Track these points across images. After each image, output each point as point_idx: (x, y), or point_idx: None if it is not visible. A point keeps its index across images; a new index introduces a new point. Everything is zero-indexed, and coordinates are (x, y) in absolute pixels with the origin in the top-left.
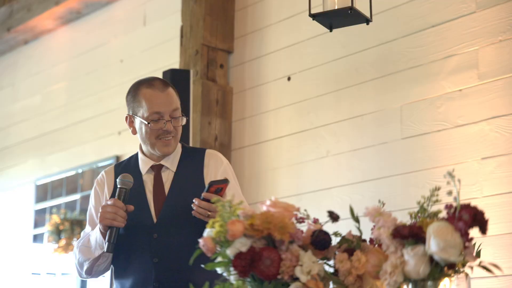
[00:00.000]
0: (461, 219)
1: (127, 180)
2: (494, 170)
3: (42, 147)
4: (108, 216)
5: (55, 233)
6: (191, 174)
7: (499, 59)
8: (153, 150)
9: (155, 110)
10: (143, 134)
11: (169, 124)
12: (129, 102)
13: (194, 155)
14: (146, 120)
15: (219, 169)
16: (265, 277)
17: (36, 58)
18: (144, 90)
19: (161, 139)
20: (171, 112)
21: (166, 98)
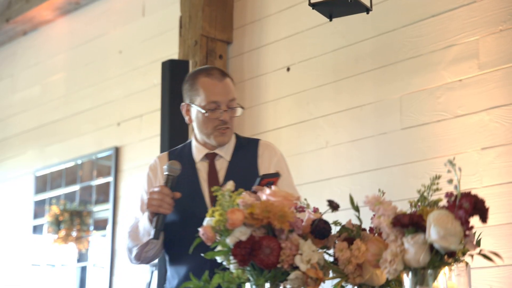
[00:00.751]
0: (462, 207)
1: (174, 167)
2: (493, 160)
3: (41, 138)
4: (154, 203)
5: (54, 224)
6: (245, 164)
7: (499, 49)
8: (209, 140)
9: (213, 99)
10: (199, 123)
11: (226, 114)
12: (186, 91)
13: (248, 145)
14: (203, 108)
15: (273, 160)
16: (264, 266)
17: (35, 49)
18: (202, 78)
19: (217, 129)
20: (228, 102)
21: (223, 88)
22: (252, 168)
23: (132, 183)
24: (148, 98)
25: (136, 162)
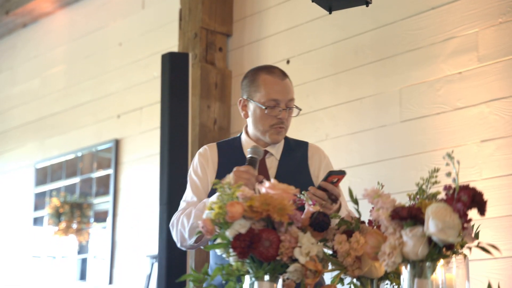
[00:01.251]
0: (460, 200)
1: (259, 150)
2: (493, 153)
3: (41, 131)
4: (242, 182)
5: (55, 216)
6: (295, 165)
7: (499, 41)
8: (263, 136)
9: (273, 97)
10: (256, 119)
11: (284, 113)
12: (245, 86)
13: (297, 147)
14: (263, 105)
15: (322, 164)
16: (264, 258)
17: (35, 41)
18: (264, 76)
19: (273, 127)
20: (287, 101)
21: (284, 87)
22: (302, 169)
23: (132, 175)
24: (148, 90)
25: (136, 155)
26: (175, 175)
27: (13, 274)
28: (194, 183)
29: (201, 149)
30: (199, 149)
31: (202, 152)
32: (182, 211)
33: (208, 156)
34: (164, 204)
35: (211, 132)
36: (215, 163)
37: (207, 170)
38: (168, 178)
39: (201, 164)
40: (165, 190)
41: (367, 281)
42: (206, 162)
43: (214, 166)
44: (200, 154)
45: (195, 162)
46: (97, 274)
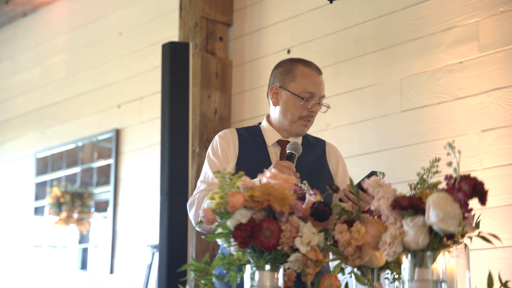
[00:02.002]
0: (461, 189)
1: (298, 147)
2: (494, 142)
3: (42, 120)
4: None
5: (56, 206)
6: (314, 159)
7: (500, 30)
8: (290, 127)
9: (310, 90)
10: (288, 108)
11: (316, 107)
12: (279, 75)
13: (315, 142)
14: (299, 95)
15: (340, 162)
16: (265, 248)
17: (35, 31)
18: (302, 67)
19: (302, 118)
20: (320, 97)
21: (321, 82)
22: (321, 164)
23: (133, 165)
24: (149, 80)
25: (136, 144)
26: (175, 165)
27: (14, 263)
28: (214, 164)
29: (221, 133)
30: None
31: (222, 135)
32: (205, 193)
33: (229, 139)
34: (164, 194)
35: (211, 122)
36: (236, 147)
37: (228, 152)
38: (168, 168)
39: (221, 146)
40: (166, 179)
41: (368, 270)
42: (227, 144)
43: (235, 150)
44: (220, 137)
45: (216, 143)
46: (98, 263)
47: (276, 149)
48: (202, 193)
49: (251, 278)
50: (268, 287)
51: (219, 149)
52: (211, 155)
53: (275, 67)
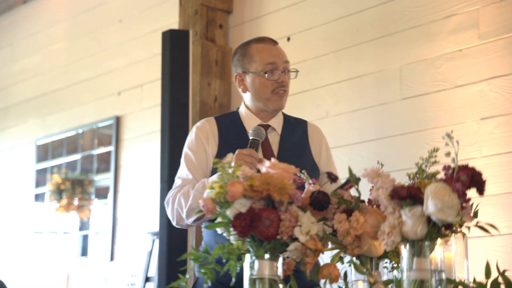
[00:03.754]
0: (459, 180)
1: (261, 133)
2: (493, 130)
3: (42, 107)
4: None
5: (56, 193)
6: (297, 141)
7: (500, 18)
8: (266, 105)
9: (270, 61)
10: (257, 89)
11: (284, 76)
12: (237, 62)
13: (297, 123)
14: (262, 71)
15: (323, 143)
16: (264, 237)
17: (35, 18)
18: (255, 45)
19: (275, 93)
20: (283, 64)
21: (278, 50)
22: (303, 146)
23: (133, 153)
24: (149, 67)
25: (136, 132)
26: (175, 152)
27: (15, 249)
28: (189, 159)
29: (199, 123)
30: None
31: (200, 126)
32: (178, 189)
33: (207, 130)
34: (165, 182)
35: (211, 110)
36: (215, 136)
37: (205, 145)
38: (168, 155)
39: (198, 139)
40: (166, 167)
41: (367, 259)
42: (205, 136)
43: (215, 140)
44: (198, 128)
45: (192, 137)
46: (99, 250)
47: None
48: (176, 190)
49: (250, 267)
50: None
51: (196, 143)
52: (187, 150)
53: (233, 56)
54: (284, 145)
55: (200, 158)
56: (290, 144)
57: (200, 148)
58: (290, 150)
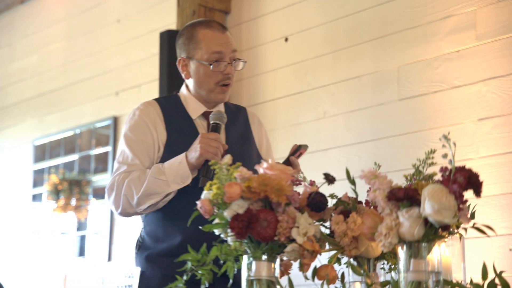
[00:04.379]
0: (456, 181)
1: (223, 116)
2: (490, 131)
3: (39, 107)
4: (212, 150)
5: (53, 193)
6: (240, 128)
7: (497, 19)
8: (208, 96)
9: (216, 50)
10: (200, 78)
11: (230, 67)
12: (182, 45)
13: (237, 110)
14: (206, 61)
15: (262, 129)
16: (262, 238)
17: (33, 18)
18: (203, 30)
19: (219, 85)
20: (231, 53)
21: (226, 39)
22: (247, 133)
23: None
24: (147, 67)
25: None
26: None
27: (12, 250)
28: (134, 143)
29: (141, 106)
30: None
31: (144, 109)
32: (125, 175)
33: (152, 112)
34: None
35: None
36: (162, 121)
37: (152, 130)
38: None
39: (143, 124)
40: None
41: (364, 260)
42: (151, 121)
43: (162, 125)
44: (142, 112)
45: (135, 120)
46: (96, 251)
47: (203, 122)
48: (122, 175)
49: (248, 268)
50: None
51: (141, 126)
52: (130, 133)
53: (178, 36)
54: (230, 132)
55: (146, 143)
56: (235, 132)
57: (146, 132)
58: (237, 138)
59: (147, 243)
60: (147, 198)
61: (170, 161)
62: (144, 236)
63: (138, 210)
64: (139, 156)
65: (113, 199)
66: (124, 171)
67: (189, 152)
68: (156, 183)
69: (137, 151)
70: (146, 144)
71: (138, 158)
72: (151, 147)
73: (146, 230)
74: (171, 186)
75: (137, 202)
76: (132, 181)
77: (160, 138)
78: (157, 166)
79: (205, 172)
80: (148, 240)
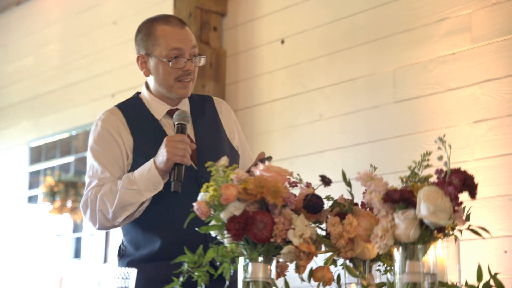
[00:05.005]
0: (451, 183)
1: (187, 116)
2: (485, 134)
3: (35, 109)
4: (179, 153)
5: (49, 195)
6: (209, 121)
7: (492, 22)
8: (170, 93)
9: (175, 46)
10: (160, 75)
11: (190, 64)
12: (140, 41)
13: (202, 101)
14: (165, 58)
15: (231, 116)
16: (258, 240)
17: (29, 19)
18: (161, 26)
19: (180, 81)
20: (190, 49)
21: (185, 35)
22: (216, 124)
23: None
24: None
25: None
26: None
27: (7, 251)
28: (102, 155)
29: (102, 115)
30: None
31: (106, 119)
32: (96, 189)
33: (114, 121)
34: None
35: None
36: (126, 127)
37: (117, 139)
38: None
39: (107, 133)
40: None
41: (360, 262)
42: (115, 129)
43: (127, 131)
44: (104, 122)
45: (98, 131)
46: (92, 253)
47: (168, 121)
48: (94, 190)
49: (244, 270)
50: (261, 278)
51: (105, 136)
52: (96, 146)
53: (136, 32)
54: (199, 127)
55: (114, 153)
56: (204, 125)
57: (111, 142)
58: (206, 132)
59: (129, 250)
60: (122, 210)
61: (140, 169)
62: (126, 244)
63: (116, 223)
64: (108, 167)
65: (89, 216)
66: (96, 185)
67: (157, 158)
68: (129, 194)
69: (105, 163)
70: (113, 154)
71: (107, 170)
72: (119, 156)
73: (127, 238)
74: (144, 195)
75: (112, 215)
76: (104, 195)
77: (127, 145)
78: (128, 176)
79: (176, 176)
80: (130, 248)
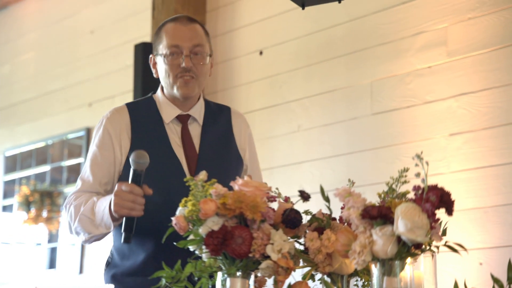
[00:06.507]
0: (428, 200)
1: (143, 162)
2: (461, 146)
3: (11, 118)
4: (126, 206)
5: (24, 204)
6: (220, 131)
7: (468, 36)
8: (173, 91)
9: (173, 43)
10: (161, 73)
11: (188, 60)
12: (154, 43)
13: (220, 111)
14: (164, 54)
15: (247, 132)
16: (236, 255)
17: (5, 28)
18: (167, 25)
19: (179, 77)
20: (191, 47)
21: (187, 32)
22: (228, 136)
23: None
24: (120, 79)
25: None
26: None
27: None
28: (95, 158)
29: (109, 113)
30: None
31: (110, 116)
32: (76, 195)
33: (118, 121)
34: None
35: None
36: (128, 129)
37: (114, 142)
38: None
39: (106, 135)
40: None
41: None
42: (116, 131)
43: (128, 133)
44: (107, 120)
45: (100, 133)
46: (67, 263)
47: (176, 127)
48: (73, 196)
49: (222, 285)
50: None
51: (103, 138)
52: (93, 145)
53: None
54: (207, 137)
55: (106, 158)
56: (213, 135)
57: (107, 145)
58: (213, 142)
59: (115, 260)
60: (79, 235)
61: (101, 201)
62: (113, 252)
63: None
64: (95, 172)
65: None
66: (79, 190)
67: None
68: (86, 221)
69: (94, 167)
70: (105, 158)
71: (93, 175)
72: (111, 161)
73: (115, 246)
74: (98, 229)
75: (74, 232)
76: (75, 208)
77: (123, 150)
78: (92, 201)
79: (126, 227)
80: (116, 257)
